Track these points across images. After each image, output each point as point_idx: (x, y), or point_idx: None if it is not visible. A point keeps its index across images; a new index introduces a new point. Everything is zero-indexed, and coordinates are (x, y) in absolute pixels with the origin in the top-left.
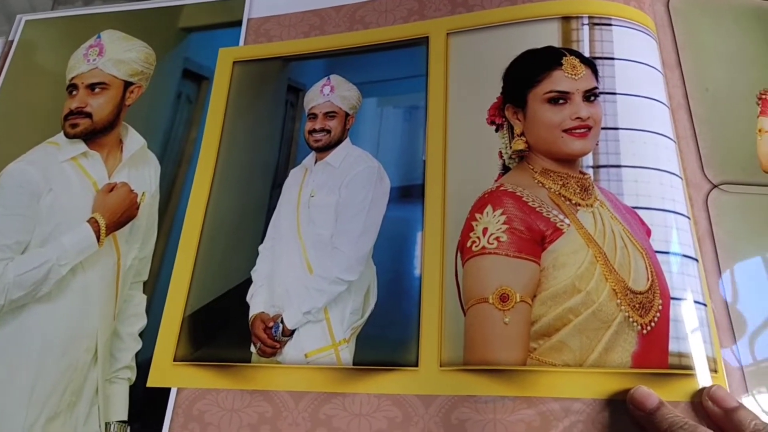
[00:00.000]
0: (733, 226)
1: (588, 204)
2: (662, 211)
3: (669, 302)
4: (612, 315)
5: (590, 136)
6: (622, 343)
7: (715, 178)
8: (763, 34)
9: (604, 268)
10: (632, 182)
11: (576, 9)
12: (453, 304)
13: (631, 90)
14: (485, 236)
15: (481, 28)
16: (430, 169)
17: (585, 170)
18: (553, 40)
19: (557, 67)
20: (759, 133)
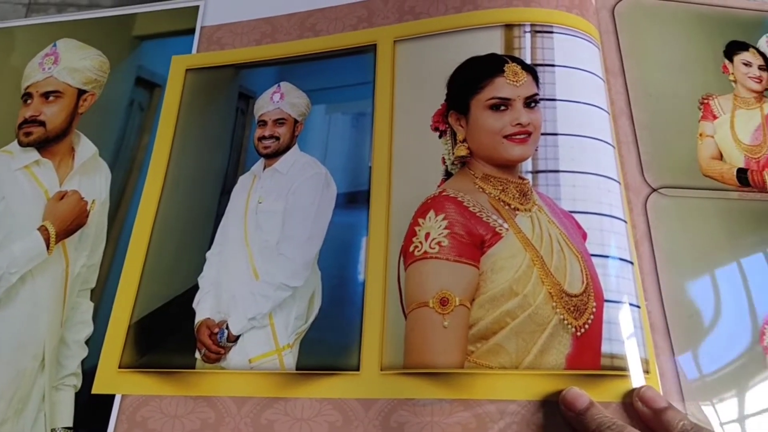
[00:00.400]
0: (672, 229)
1: (526, 209)
2: (599, 215)
3: (603, 305)
4: (548, 318)
5: (530, 141)
6: (557, 345)
7: (655, 183)
8: (706, 39)
9: (541, 271)
10: (570, 187)
11: (518, 17)
12: (395, 308)
13: (570, 96)
14: (427, 241)
15: (427, 36)
16: (375, 175)
17: (524, 175)
18: (495, 47)
19: (499, 74)
20: (700, 137)
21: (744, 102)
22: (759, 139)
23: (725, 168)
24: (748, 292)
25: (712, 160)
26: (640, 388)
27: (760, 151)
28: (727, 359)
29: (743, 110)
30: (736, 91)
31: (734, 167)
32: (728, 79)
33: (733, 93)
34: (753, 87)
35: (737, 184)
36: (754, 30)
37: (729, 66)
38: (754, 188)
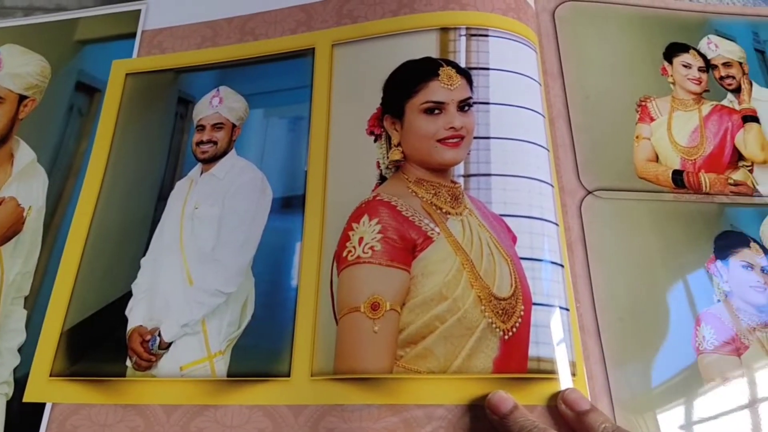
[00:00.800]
0: (606, 231)
1: (458, 212)
2: (529, 218)
3: (531, 308)
4: (476, 321)
5: (462, 145)
6: (485, 349)
7: (590, 185)
8: (647, 41)
9: (471, 275)
10: (501, 190)
11: (454, 21)
12: (327, 314)
13: (504, 99)
14: (361, 245)
15: (365, 40)
16: (311, 179)
17: (456, 179)
18: (431, 50)
19: (434, 77)
20: (636, 139)
21: (682, 104)
22: (696, 141)
23: (660, 170)
24: (679, 293)
25: (648, 162)
26: (565, 391)
27: (697, 152)
28: (660, 361)
29: (681, 112)
30: (675, 93)
31: (670, 169)
32: (667, 81)
33: (671, 95)
34: (692, 89)
35: (672, 186)
36: (696, 31)
37: (668, 68)
38: (689, 190)
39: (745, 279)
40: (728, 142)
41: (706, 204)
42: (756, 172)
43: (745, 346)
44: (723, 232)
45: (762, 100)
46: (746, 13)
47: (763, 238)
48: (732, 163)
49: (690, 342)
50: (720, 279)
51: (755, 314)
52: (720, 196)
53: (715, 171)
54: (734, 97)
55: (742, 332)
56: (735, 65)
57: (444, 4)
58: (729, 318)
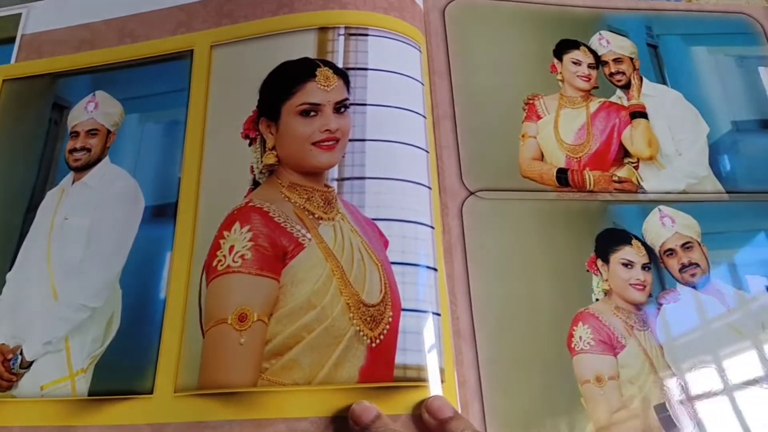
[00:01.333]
0: (487, 233)
1: (330, 218)
2: (402, 221)
3: (400, 314)
4: (344, 330)
5: (337, 148)
6: (351, 358)
7: (473, 186)
8: (539, 39)
9: (340, 282)
10: (375, 194)
11: (333, 20)
12: (195, 327)
13: (382, 101)
14: (231, 254)
15: (244, 40)
16: (184, 186)
17: (330, 183)
18: (309, 51)
19: (311, 78)
20: (522, 138)
21: (570, 101)
22: (582, 138)
23: (545, 168)
24: (558, 293)
25: (533, 161)
26: (428, 399)
27: (583, 150)
28: (535, 363)
29: (569, 109)
30: (563, 91)
31: (554, 167)
32: (556, 79)
33: (560, 92)
34: (581, 86)
35: (556, 185)
36: (589, 27)
37: (558, 65)
38: (573, 188)
39: (625, 277)
40: (615, 138)
41: (590, 202)
42: (641, 168)
43: (621, 345)
44: (605, 230)
45: (652, 95)
46: (640, 7)
47: (646, 235)
48: (618, 160)
49: (566, 342)
50: (600, 277)
51: (634, 312)
52: (604, 193)
53: (600, 168)
54: (623, 93)
55: (619, 331)
56: (626, 61)
57: (323, 3)
58: (607, 317)
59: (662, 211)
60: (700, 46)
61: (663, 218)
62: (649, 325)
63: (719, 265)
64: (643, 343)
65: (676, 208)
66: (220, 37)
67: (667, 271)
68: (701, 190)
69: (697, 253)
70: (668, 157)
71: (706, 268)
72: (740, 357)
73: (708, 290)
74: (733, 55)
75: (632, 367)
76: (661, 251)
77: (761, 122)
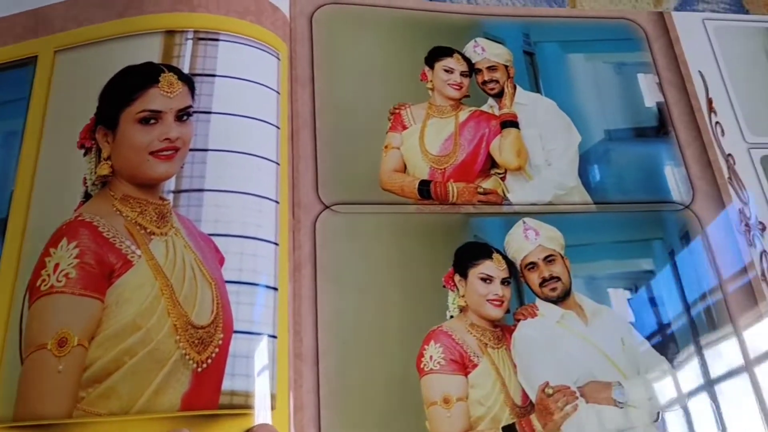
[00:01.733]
0: (341, 248)
1: (163, 232)
2: (242, 237)
3: (231, 336)
4: (169, 353)
5: (176, 158)
6: (174, 384)
7: (329, 199)
8: (412, 46)
9: (169, 302)
10: (213, 208)
11: (180, 23)
12: (15, 354)
13: (230, 109)
14: (56, 273)
15: (87, 44)
16: (16, 201)
17: (166, 196)
18: (154, 55)
19: (153, 84)
20: (385, 149)
21: (439, 110)
22: (449, 149)
23: (407, 180)
24: (411, 310)
25: (394, 173)
26: (253, 427)
27: (448, 161)
28: (380, 385)
29: (437, 119)
30: (432, 100)
31: (417, 179)
32: (426, 87)
33: (429, 101)
34: (451, 94)
35: (417, 197)
36: (466, 34)
37: (428, 73)
38: (435, 201)
39: (483, 292)
40: (483, 149)
41: (452, 215)
42: (508, 179)
43: (474, 364)
44: (465, 244)
45: (524, 104)
46: (519, 14)
47: (507, 248)
48: (484, 171)
49: (415, 363)
50: (456, 293)
51: (489, 329)
52: (467, 206)
53: (465, 180)
54: (496, 102)
55: (472, 349)
56: (500, 69)
57: (171, 5)
58: (461, 334)
59: (526, 223)
60: (578, 53)
61: (527, 231)
62: (504, 343)
63: (582, 278)
64: (496, 362)
65: (542, 220)
66: (64, 42)
67: (527, 286)
68: (568, 201)
69: (559, 266)
70: (537, 168)
71: (567, 282)
72: (598, 374)
73: (568, 304)
74: (612, 62)
75: (483, 387)
76: (522, 265)
77: (635, 130)
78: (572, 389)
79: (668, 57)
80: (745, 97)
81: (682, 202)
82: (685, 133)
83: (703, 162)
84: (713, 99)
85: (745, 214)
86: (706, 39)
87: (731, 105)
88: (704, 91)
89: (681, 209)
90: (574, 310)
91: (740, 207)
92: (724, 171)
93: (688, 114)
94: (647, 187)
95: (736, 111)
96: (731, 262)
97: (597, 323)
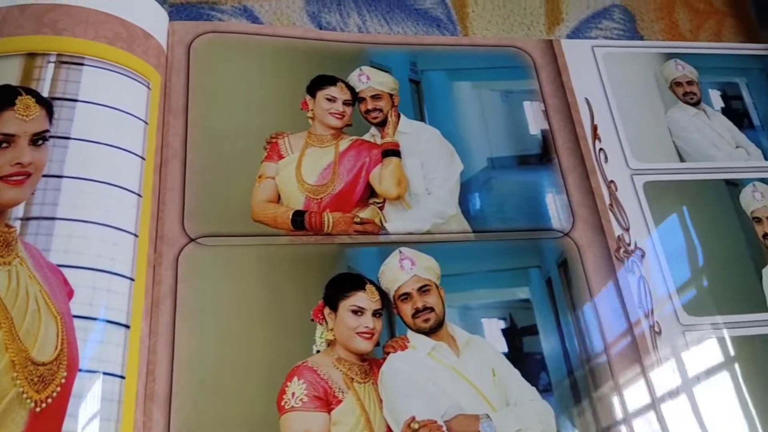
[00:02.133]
0: (204, 284)
1: (6, 261)
2: (94, 270)
3: (75, 375)
4: (4, 391)
5: (27, 183)
6: (9, 425)
7: (194, 232)
8: (290, 74)
9: (8, 335)
10: (65, 237)
11: (43, 46)
12: None
13: (90, 136)
14: None
15: None
16: None
17: (12, 223)
18: (12, 78)
19: (9, 107)
20: (258, 179)
21: (318, 139)
22: (327, 178)
23: (280, 211)
24: (276, 346)
25: (267, 204)
26: None
27: (325, 191)
28: (237, 426)
29: (316, 148)
30: (312, 129)
31: (291, 210)
32: (306, 116)
33: (308, 131)
34: (332, 123)
35: (291, 228)
36: (351, 63)
37: (310, 102)
38: (309, 231)
39: (353, 325)
40: (362, 178)
41: (326, 246)
42: (387, 208)
43: (338, 400)
44: (337, 275)
45: (408, 132)
46: (408, 42)
47: (381, 278)
48: (362, 201)
49: (276, 400)
50: (325, 327)
51: (357, 363)
52: (343, 236)
53: (342, 210)
54: (378, 130)
55: (337, 385)
56: (385, 97)
57: (35, 28)
58: (326, 369)
59: (402, 252)
60: (465, 81)
61: (402, 260)
62: (371, 377)
63: (456, 308)
64: (362, 397)
65: (420, 250)
66: None
67: (399, 317)
68: (447, 230)
69: (433, 296)
70: (417, 197)
71: (441, 313)
72: (467, 407)
73: (440, 336)
74: (499, 90)
75: (346, 423)
76: (396, 296)
77: (519, 158)
78: (439, 423)
79: (555, 84)
80: (631, 123)
81: (561, 230)
82: (568, 160)
83: (584, 189)
84: (598, 125)
85: (624, 241)
86: (595, 66)
87: (616, 131)
88: (589, 118)
89: (560, 236)
90: (446, 341)
91: (620, 233)
92: (606, 197)
93: (572, 141)
94: (528, 215)
95: (621, 137)
96: (607, 289)
97: (468, 354)
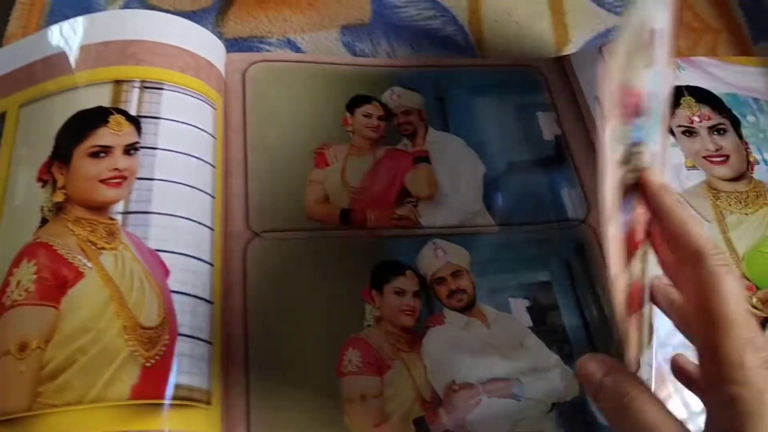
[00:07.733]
0: (268, 272)
1: (112, 247)
2: (183, 255)
3: (176, 338)
4: (118, 350)
5: (124, 185)
6: (124, 377)
7: (258, 228)
8: (334, 95)
9: (118, 306)
10: (160, 228)
11: (128, 74)
12: None
13: (173, 147)
14: (18, 288)
15: (46, 96)
16: None
17: (114, 216)
18: (104, 101)
19: (103, 124)
20: (309, 184)
21: (358, 149)
22: (367, 182)
23: (329, 209)
24: (330, 321)
25: (318, 204)
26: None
27: (366, 192)
28: (303, 387)
29: (356, 157)
30: (352, 141)
31: (338, 208)
32: (347, 131)
33: (350, 142)
34: (369, 135)
35: (339, 224)
36: (383, 84)
37: (350, 118)
38: (354, 226)
39: (396, 304)
40: (397, 181)
41: (369, 238)
42: (420, 206)
43: (388, 366)
44: (381, 263)
45: (435, 141)
46: (431, 63)
47: (419, 265)
48: (398, 201)
49: (335, 366)
50: (373, 305)
51: (403, 336)
52: (383, 230)
53: (382, 208)
54: (409, 140)
55: (386, 353)
56: (414, 112)
57: (120, 59)
58: (376, 341)
59: (436, 243)
60: (484, 96)
61: (436, 250)
62: (415, 347)
63: (485, 290)
64: (408, 364)
65: (451, 241)
66: (27, 97)
67: (436, 298)
68: (474, 224)
69: (465, 280)
70: (446, 196)
71: (472, 294)
72: (497, 371)
73: (472, 313)
74: (515, 104)
75: (396, 385)
76: (432, 279)
77: (535, 161)
78: (475, 385)
79: (566, 93)
80: None
81: (577, 219)
82: (581, 156)
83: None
84: None
85: None
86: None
87: None
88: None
89: (577, 225)
90: (478, 318)
91: None
92: None
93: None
94: (545, 209)
95: None
96: None
97: (498, 328)
